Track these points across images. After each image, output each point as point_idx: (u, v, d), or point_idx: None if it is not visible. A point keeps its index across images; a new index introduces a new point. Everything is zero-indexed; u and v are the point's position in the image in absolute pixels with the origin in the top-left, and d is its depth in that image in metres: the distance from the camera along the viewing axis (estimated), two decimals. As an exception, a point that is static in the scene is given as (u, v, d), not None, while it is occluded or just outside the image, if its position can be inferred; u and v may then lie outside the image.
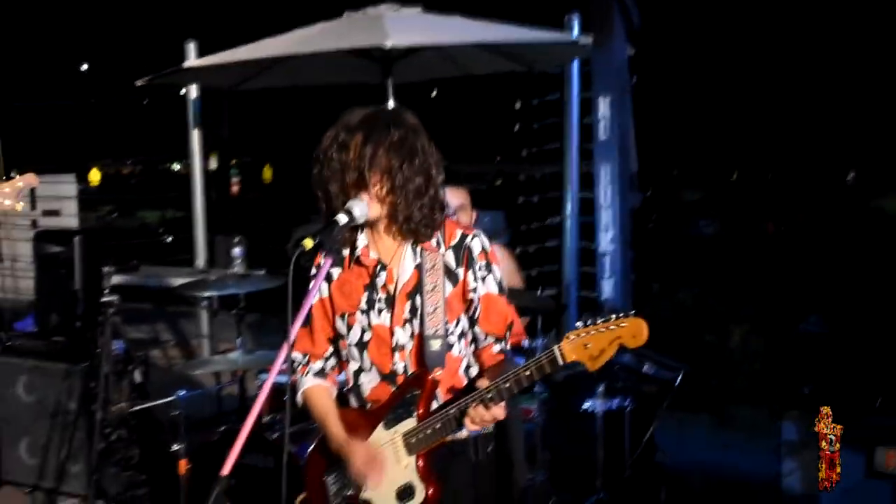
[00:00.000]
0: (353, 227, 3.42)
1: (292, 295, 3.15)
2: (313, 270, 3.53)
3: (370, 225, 3.47)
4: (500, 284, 3.54)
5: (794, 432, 5.94)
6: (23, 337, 7.26)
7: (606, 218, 8.35)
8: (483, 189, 23.03)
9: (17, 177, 5.27)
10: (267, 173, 38.27)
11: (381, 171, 3.33)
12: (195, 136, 10.53)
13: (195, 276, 9.47)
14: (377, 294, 3.51)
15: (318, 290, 3.57)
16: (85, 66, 42.50)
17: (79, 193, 13.15)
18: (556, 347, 3.14)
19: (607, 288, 8.34)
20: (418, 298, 3.46)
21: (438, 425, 3.37)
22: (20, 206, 5.06)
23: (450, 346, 3.49)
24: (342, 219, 3.28)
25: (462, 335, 3.54)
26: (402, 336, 3.50)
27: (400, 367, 3.51)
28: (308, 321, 3.63)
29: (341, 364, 3.68)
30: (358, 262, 3.53)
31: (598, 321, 3.10)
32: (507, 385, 3.21)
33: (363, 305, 3.53)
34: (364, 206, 3.33)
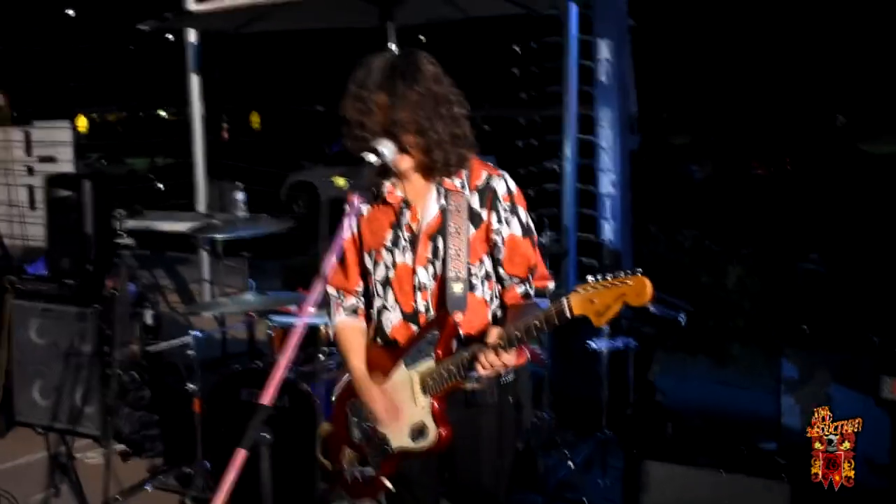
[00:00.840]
0: (384, 166, 3.44)
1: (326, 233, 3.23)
2: (346, 208, 3.56)
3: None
4: (524, 227, 3.57)
5: (793, 370, 6.07)
6: (35, 280, 7.30)
7: (607, 160, 8.39)
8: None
9: None
10: (255, 120, 38.16)
11: (414, 131, 3.38)
12: (194, 82, 10.56)
13: (201, 220, 9.53)
14: (402, 232, 3.58)
15: (350, 228, 3.65)
16: (71, 12, 42.24)
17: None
18: (563, 300, 3.18)
19: (608, 230, 8.40)
20: (440, 240, 3.52)
21: (453, 368, 3.42)
22: None
23: (472, 288, 3.54)
24: (371, 158, 3.33)
25: (486, 277, 3.58)
26: (424, 276, 3.55)
27: (422, 307, 3.57)
28: (341, 257, 3.72)
29: (370, 300, 3.74)
30: (384, 200, 3.59)
31: (606, 277, 3.15)
32: (518, 334, 3.28)
33: (388, 243, 3.60)
34: (391, 145, 3.37)
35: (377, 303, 3.68)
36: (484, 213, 3.53)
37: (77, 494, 6.19)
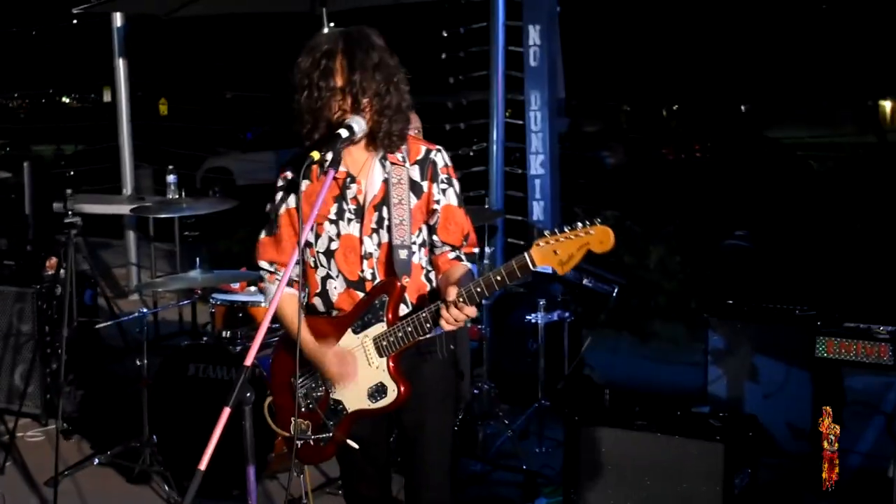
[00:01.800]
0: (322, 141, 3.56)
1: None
2: (280, 182, 3.77)
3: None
4: (459, 197, 3.77)
5: (719, 341, 6.33)
6: (-28, 262, 7.29)
7: (536, 142, 8.60)
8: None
9: None
10: (163, 107, 37.77)
11: (372, 94, 3.53)
12: (121, 66, 10.62)
13: (133, 202, 9.58)
14: (347, 205, 3.71)
15: (285, 202, 3.78)
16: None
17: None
18: (525, 254, 3.33)
19: (537, 210, 8.62)
20: (385, 210, 3.67)
21: (409, 328, 3.57)
22: None
23: (412, 254, 3.70)
24: (343, 133, 3.47)
25: (423, 244, 3.75)
26: (370, 245, 3.69)
27: (368, 275, 3.71)
28: (273, 230, 3.84)
29: (307, 271, 3.82)
30: (326, 173, 3.64)
31: (566, 229, 3.29)
32: (479, 289, 3.42)
33: (332, 215, 3.72)
34: (362, 122, 3.53)
35: (320, 272, 3.79)
36: (425, 185, 3.71)
37: (22, 471, 6.26)
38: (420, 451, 3.85)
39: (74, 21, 10.76)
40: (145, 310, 5.88)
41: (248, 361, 3.19)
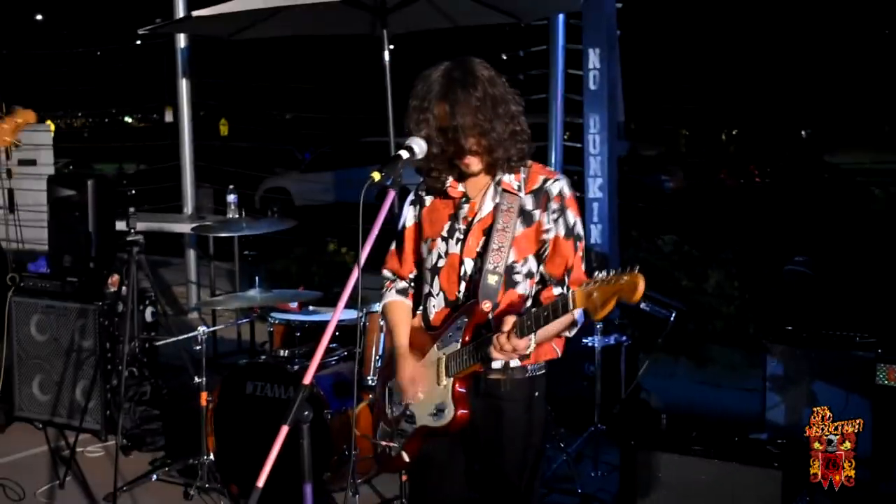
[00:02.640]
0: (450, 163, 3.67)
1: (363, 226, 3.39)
2: (410, 197, 3.93)
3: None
4: (570, 229, 3.72)
5: (778, 367, 6.28)
6: (36, 278, 7.41)
7: (595, 166, 8.59)
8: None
9: (16, 112, 5.48)
10: (223, 127, 38.08)
11: (476, 133, 3.58)
12: (183, 86, 10.75)
13: (196, 221, 9.67)
14: (458, 224, 3.77)
15: (414, 217, 3.91)
16: (39, 17, 42.17)
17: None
18: (568, 293, 3.34)
19: (595, 234, 8.59)
20: (489, 235, 3.70)
21: (473, 350, 3.61)
22: (19, 142, 5.27)
23: (514, 284, 3.70)
24: (403, 154, 3.53)
25: (529, 275, 3.73)
26: (470, 267, 3.73)
27: (462, 297, 3.75)
28: (400, 243, 3.96)
29: (420, 285, 3.94)
30: (446, 193, 3.78)
31: (604, 274, 3.29)
32: (529, 322, 3.43)
33: (444, 233, 3.79)
34: (423, 143, 3.57)
35: (424, 289, 3.87)
36: (537, 214, 3.70)
37: (82, 486, 6.34)
38: (494, 495, 3.87)
39: (138, 42, 10.91)
40: (204, 328, 5.92)
41: (307, 380, 3.24)
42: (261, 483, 3.14)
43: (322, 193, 20.06)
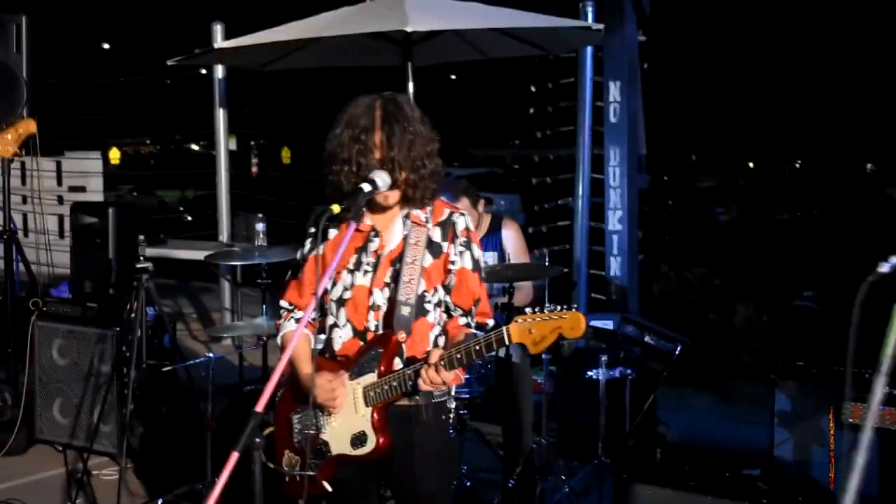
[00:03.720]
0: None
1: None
2: (311, 230, 3.86)
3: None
4: (475, 263, 3.88)
5: (786, 403, 6.23)
6: (58, 303, 7.55)
7: (615, 198, 8.62)
8: (500, 173, 23.34)
9: (18, 123, 5.63)
10: (285, 155, 38.47)
11: (409, 168, 3.69)
12: (220, 116, 10.91)
13: (218, 248, 9.81)
14: (367, 257, 3.85)
15: (314, 249, 3.87)
16: (106, 46, 42.91)
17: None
18: (503, 328, 3.45)
19: (614, 266, 8.61)
20: (399, 265, 3.80)
21: (395, 383, 3.68)
22: (20, 152, 5.37)
23: (426, 313, 3.81)
24: (365, 187, 3.60)
25: (438, 304, 3.86)
26: (380, 298, 3.82)
27: (372, 326, 3.82)
28: (297, 274, 4.01)
29: (323, 317, 3.96)
30: (348, 225, 3.78)
31: (545, 310, 3.40)
32: (459, 356, 3.54)
33: (351, 265, 3.86)
34: (386, 177, 3.65)
35: (329, 320, 3.91)
36: (445, 245, 3.84)
37: (92, 508, 6.45)
38: None
39: (203, 70, 11.09)
40: (211, 354, 6.01)
41: (260, 408, 3.29)
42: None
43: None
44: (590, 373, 6.38)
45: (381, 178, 3.64)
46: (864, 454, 2.76)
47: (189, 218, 20.12)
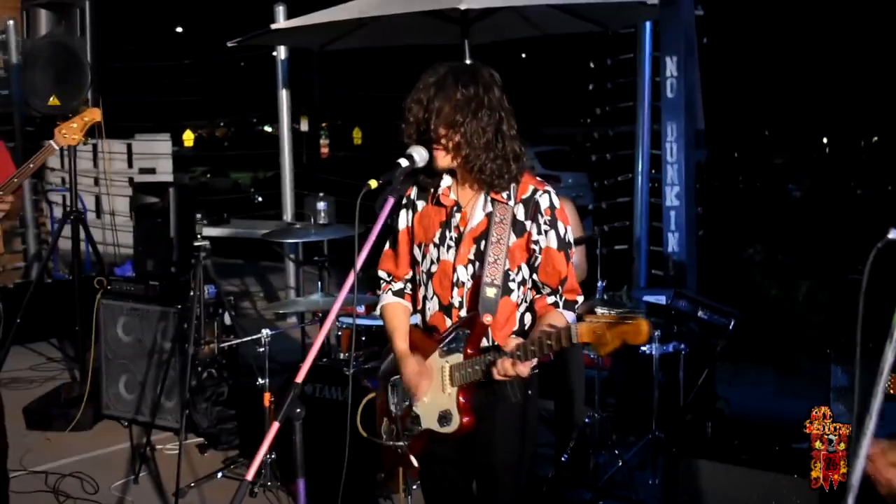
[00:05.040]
0: (439, 172, 3.79)
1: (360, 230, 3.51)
2: (404, 200, 3.98)
3: (453, 172, 3.81)
4: (561, 240, 3.79)
5: (843, 378, 6.20)
6: (122, 281, 7.73)
7: (672, 174, 8.54)
8: (566, 151, 23.26)
9: (84, 111, 5.77)
10: (357, 135, 38.62)
11: (447, 126, 3.64)
12: (283, 97, 11.01)
13: (276, 226, 9.94)
14: (450, 232, 3.85)
15: (406, 220, 3.99)
16: (179, 29, 43.40)
17: (172, 152, 13.73)
18: (574, 326, 3.41)
19: (672, 242, 8.55)
20: (483, 244, 3.77)
21: (477, 367, 3.69)
22: (87, 139, 5.50)
23: (509, 292, 3.79)
24: (403, 162, 3.63)
25: (523, 282, 3.82)
26: (463, 274, 3.81)
27: (456, 302, 3.83)
28: (394, 245, 4.06)
29: (416, 288, 4.04)
30: (438, 201, 3.87)
31: (613, 312, 3.41)
32: (533, 349, 3.52)
33: (436, 240, 3.88)
34: (423, 152, 3.67)
35: (421, 291, 3.97)
36: (528, 224, 3.77)
37: (155, 482, 6.59)
38: (490, 492, 3.96)
39: (273, 53, 11.20)
40: (267, 331, 6.11)
41: (300, 378, 3.36)
42: (249, 476, 3.29)
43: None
44: (643, 348, 6.39)
45: (419, 153, 3.66)
46: (874, 421, 2.75)
47: (259, 199, 20.32)
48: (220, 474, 6.46)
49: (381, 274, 4.13)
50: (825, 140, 41.54)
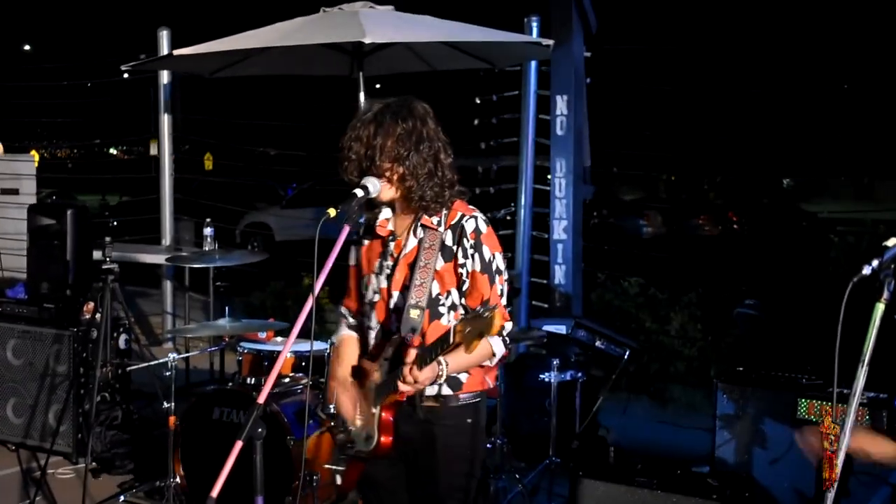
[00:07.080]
0: (379, 204, 3.94)
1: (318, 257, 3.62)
2: (340, 237, 3.94)
3: (391, 203, 3.96)
4: (485, 264, 3.91)
5: (729, 406, 6.49)
6: (13, 304, 7.60)
7: (560, 208, 8.84)
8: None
9: None
10: (208, 161, 38.16)
11: (392, 160, 3.81)
12: (164, 120, 10.98)
13: (171, 252, 9.88)
14: (387, 261, 4.01)
15: (355, 257, 4.17)
16: (27, 47, 42.42)
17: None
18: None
19: (559, 274, 8.84)
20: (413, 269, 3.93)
21: (390, 382, 3.82)
22: None
23: (439, 316, 3.93)
24: (358, 192, 3.76)
25: (453, 307, 3.96)
26: (399, 300, 3.96)
27: (394, 327, 3.96)
28: (347, 282, 4.24)
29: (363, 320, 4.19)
30: (377, 233, 4.03)
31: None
32: (424, 355, 3.67)
33: (376, 269, 4.04)
34: (377, 182, 3.81)
35: (365, 322, 4.12)
36: (455, 248, 3.91)
37: (52, 506, 6.53)
38: None
39: (125, 75, 11.15)
40: (174, 354, 6.13)
41: (261, 399, 3.45)
42: (215, 493, 3.36)
43: (302, 229, 20.25)
44: (542, 376, 6.59)
45: (373, 183, 3.80)
46: (844, 449, 2.98)
47: (114, 223, 20.04)
48: (122, 497, 6.42)
49: (342, 310, 4.29)
50: (672, 178, 42.75)
